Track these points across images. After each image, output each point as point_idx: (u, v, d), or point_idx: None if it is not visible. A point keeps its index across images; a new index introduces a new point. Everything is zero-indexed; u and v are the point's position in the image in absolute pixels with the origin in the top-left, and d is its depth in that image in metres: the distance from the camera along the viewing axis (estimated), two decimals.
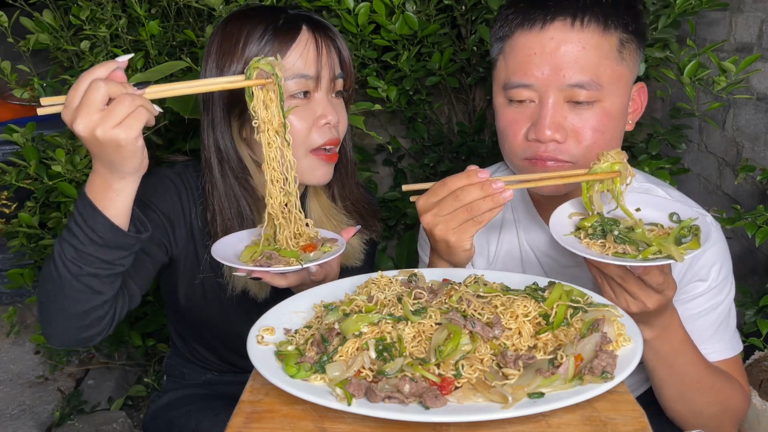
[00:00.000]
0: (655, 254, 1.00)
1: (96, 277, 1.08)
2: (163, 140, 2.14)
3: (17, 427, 2.25)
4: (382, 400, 0.81)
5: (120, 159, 1.00)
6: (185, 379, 1.57)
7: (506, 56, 1.22)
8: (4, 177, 2.05)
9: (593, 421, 0.82)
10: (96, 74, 0.98)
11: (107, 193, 1.04)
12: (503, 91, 1.22)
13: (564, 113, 1.17)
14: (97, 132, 0.96)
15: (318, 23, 1.30)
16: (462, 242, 1.11)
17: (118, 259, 1.08)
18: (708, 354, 1.24)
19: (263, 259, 1.12)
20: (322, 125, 1.27)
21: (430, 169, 2.40)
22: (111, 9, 2.07)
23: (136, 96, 0.98)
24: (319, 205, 1.40)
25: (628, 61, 1.20)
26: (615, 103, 1.19)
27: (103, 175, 1.04)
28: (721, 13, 2.06)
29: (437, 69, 2.09)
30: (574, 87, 1.15)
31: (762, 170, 1.76)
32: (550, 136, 1.16)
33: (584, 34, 1.15)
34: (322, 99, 1.28)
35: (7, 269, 2.27)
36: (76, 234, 1.05)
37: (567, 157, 1.19)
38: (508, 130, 1.23)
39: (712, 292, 1.25)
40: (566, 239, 1.08)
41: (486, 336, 0.90)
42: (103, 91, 0.96)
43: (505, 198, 1.07)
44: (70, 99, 0.98)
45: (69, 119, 0.98)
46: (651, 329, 1.11)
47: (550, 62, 1.15)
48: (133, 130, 0.97)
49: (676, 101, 2.08)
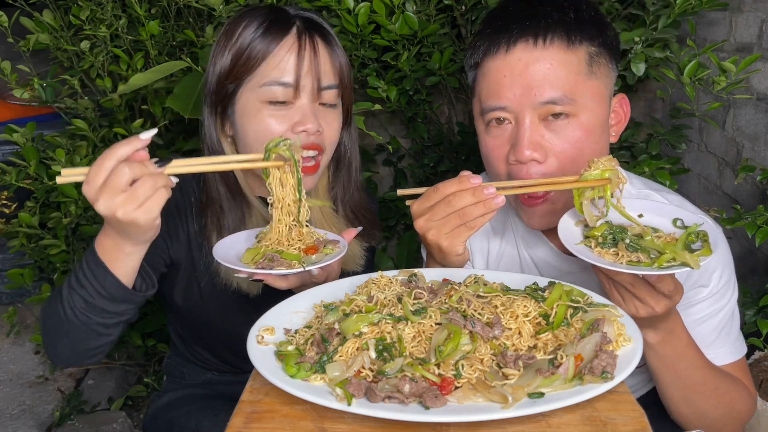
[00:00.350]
0: (669, 262, 1.00)
1: (104, 325, 1.13)
2: (163, 140, 2.14)
3: (17, 427, 2.25)
4: (382, 400, 0.81)
5: (136, 233, 1.03)
6: (185, 379, 1.57)
7: (479, 83, 1.24)
8: (4, 177, 2.06)
9: (593, 421, 0.82)
10: (120, 154, 0.98)
11: (118, 255, 1.08)
12: (481, 117, 1.24)
13: (541, 132, 1.18)
14: (118, 213, 0.98)
15: (314, 27, 1.28)
16: (454, 247, 1.12)
17: (125, 310, 1.13)
18: (712, 358, 1.24)
19: (265, 261, 1.11)
20: (299, 132, 1.25)
21: (430, 169, 2.40)
22: (111, 9, 2.07)
23: (158, 176, 0.99)
24: (320, 211, 1.40)
25: (600, 75, 1.20)
26: (591, 117, 1.19)
27: (115, 239, 1.06)
28: (721, 13, 2.06)
29: (437, 69, 2.09)
30: (547, 104, 1.16)
31: (762, 170, 1.76)
32: (529, 156, 1.17)
33: (549, 51, 1.16)
34: (303, 107, 1.26)
35: (7, 269, 2.27)
36: (86, 287, 1.09)
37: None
38: (490, 156, 1.24)
39: (714, 297, 1.25)
40: (578, 248, 1.08)
41: (486, 336, 0.90)
42: (128, 176, 0.97)
43: (497, 204, 1.08)
44: (93, 176, 0.97)
45: (92, 197, 0.98)
46: (655, 333, 1.11)
47: (520, 82, 1.17)
48: (154, 212, 1.00)
49: (676, 101, 2.08)
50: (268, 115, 1.25)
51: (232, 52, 1.26)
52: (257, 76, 1.25)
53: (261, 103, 1.25)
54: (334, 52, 1.29)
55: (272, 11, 1.29)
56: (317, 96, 1.27)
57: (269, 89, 1.24)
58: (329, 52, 1.28)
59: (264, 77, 1.25)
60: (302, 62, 1.24)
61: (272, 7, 1.32)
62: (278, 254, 1.13)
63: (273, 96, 1.24)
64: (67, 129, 2.11)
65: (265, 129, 1.25)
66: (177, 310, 1.45)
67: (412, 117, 2.34)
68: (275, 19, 1.27)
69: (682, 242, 1.04)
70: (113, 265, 1.08)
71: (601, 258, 1.04)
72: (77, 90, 2.08)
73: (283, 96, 1.25)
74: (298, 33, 1.26)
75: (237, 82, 1.27)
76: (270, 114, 1.25)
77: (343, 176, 1.42)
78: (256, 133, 1.26)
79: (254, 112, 1.26)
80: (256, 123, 1.26)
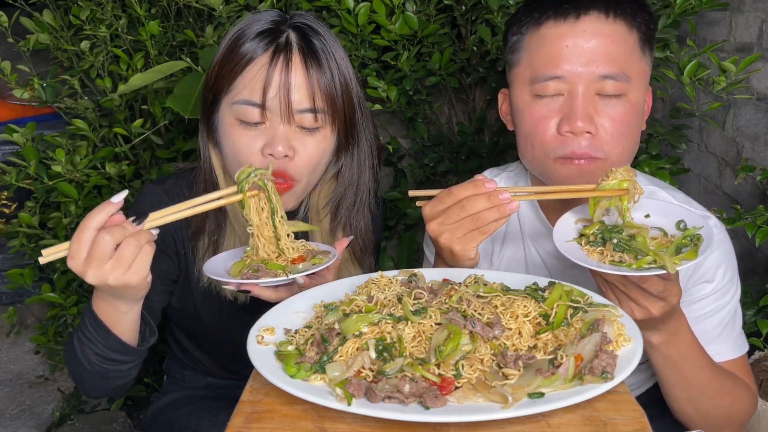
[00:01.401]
0: (650, 264, 1.01)
1: (120, 371, 1.17)
2: (163, 140, 2.14)
3: (17, 427, 2.25)
4: (382, 400, 0.81)
5: (129, 294, 1.05)
6: (186, 382, 1.57)
7: (532, 51, 1.21)
8: (4, 177, 2.06)
9: (593, 421, 0.82)
10: (95, 222, 0.97)
11: (115, 315, 1.10)
12: (529, 87, 1.21)
13: (594, 105, 1.18)
14: (109, 281, 0.98)
15: (305, 45, 1.21)
16: (467, 251, 1.12)
17: (137, 357, 1.17)
18: (714, 355, 1.24)
19: (250, 272, 1.11)
20: (266, 154, 1.21)
21: (430, 169, 2.40)
22: (111, 9, 2.07)
23: (139, 235, 0.99)
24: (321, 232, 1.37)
25: (648, 59, 1.23)
26: (638, 98, 1.21)
27: (110, 301, 1.08)
28: (721, 13, 2.06)
29: (437, 69, 2.09)
30: (604, 79, 1.17)
31: (762, 170, 1.75)
32: (582, 127, 1.16)
33: (615, 26, 1.17)
34: (273, 128, 1.21)
35: (7, 269, 2.27)
36: (94, 342, 1.12)
37: (600, 153, 1.18)
38: (537, 126, 1.21)
39: (718, 293, 1.26)
40: (567, 245, 1.09)
41: (486, 336, 0.90)
42: (110, 244, 0.97)
43: (512, 209, 1.08)
44: (75, 251, 0.97)
45: (79, 271, 0.98)
46: (658, 335, 1.12)
47: (582, 54, 1.16)
48: (143, 271, 1.00)
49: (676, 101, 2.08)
50: (240, 134, 1.22)
51: (218, 59, 1.24)
52: (232, 90, 1.22)
53: (234, 119, 1.22)
54: (321, 73, 1.21)
55: (270, 20, 1.24)
56: (291, 119, 1.21)
57: (239, 107, 1.21)
58: (314, 74, 1.20)
59: (236, 94, 1.21)
60: (270, 83, 1.18)
61: (273, 16, 1.26)
62: (264, 265, 1.13)
63: (243, 115, 1.21)
64: (67, 129, 2.11)
65: (237, 148, 1.23)
66: (173, 317, 1.45)
67: (412, 117, 2.34)
68: (264, 31, 1.21)
69: (675, 245, 1.04)
70: (114, 326, 1.10)
71: (587, 257, 1.05)
72: (77, 90, 2.08)
73: (252, 116, 1.20)
74: (275, 50, 1.19)
75: (216, 94, 1.24)
76: (241, 133, 1.22)
77: (345, 203, 1.36)
78: (230, 150, 1.25)
79: (228, 127, 1.24)
80: (229, 139, 1.24)
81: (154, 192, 1.33)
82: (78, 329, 1.15)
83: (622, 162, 1.21)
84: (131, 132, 2.05)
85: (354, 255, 1.39)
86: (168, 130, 2.19)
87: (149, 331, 1.19)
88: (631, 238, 1.06)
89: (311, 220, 1.38)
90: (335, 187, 1.36)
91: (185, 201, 1.08)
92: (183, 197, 1.32)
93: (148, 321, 1.19)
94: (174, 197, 1.32)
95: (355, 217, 1.37)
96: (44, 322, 2.41)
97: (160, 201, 1.31)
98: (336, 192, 1.35)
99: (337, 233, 1.37)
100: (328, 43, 1.24)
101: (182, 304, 1.39)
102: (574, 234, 1.13)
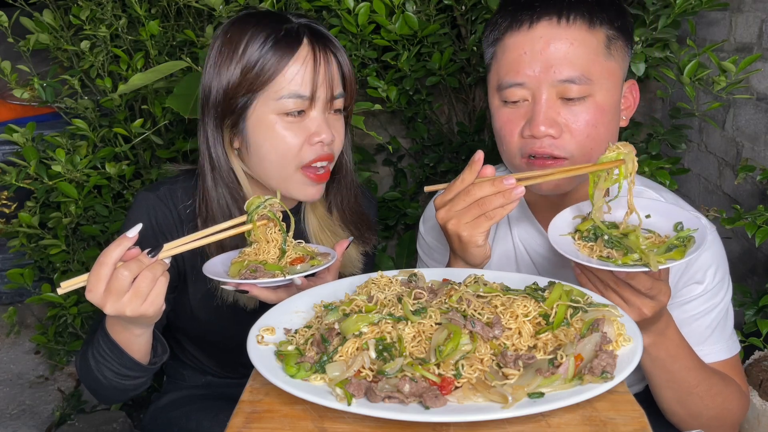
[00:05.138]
0: (635, 261, 1.02)
1: (135, 384, 1.20)
2: (163, 140, 2.14)
3: (17, 427, 2.25)
4: (382, 400, 0.81)
5: (144, 321, 1.08)
6: (185, 381, 1.57)
7: (498, 59, 1.24)
8: (4, 177, 2.06)
9: (593, 421, 0.82)
10: (113, 258, 1.01)
11: (129, 337, 1.13)
12: (497, 93, 1.24)
13: (557, 109, 1.19)
14: (126, 312, 1.01)
15: (320, 36, 1.28)
16: (474, 237, 1.12)
17: (150, 373, 1.21)
18: (705, 355, 1.24)
19: (248, 272, 1.13)
20: (315, 143, 1.26)
21: (430, 169, 2.40)
22: (111, 9, 2.07)
23: (154, 266, 1.03)
24: (315, 217, 1.41)
25: (617, 58, 1.22)
26: (606, 98, 1.21)
27: (124, 325, 1.11)
28: (721, 13, 2.06)
29: (437, 69, 2.09)
30: (565, 82, 1.17)
31: (762, 170, 1.75)
32: (544, 132, 1.18)
33: (571, 30, 1.17)
34: (317, 117, 1.27)
35: (7, 269, 2.27)
36: (109, 361, 1.15)
37: (563, 152, 1.19)
38: (504, 130, 1.24)
39: (709, 294, 1.26)
40: (561, 239, 1.10)
41: (486, 336, 0.90)
42: (128, 278, 1.00)
43: (517, 194, 1.08)
44: (94, 284, 1.00)
45: (98, 303, 1.02)
46: (647, 336, 1.12)
47: (540, 60, 1.17)
48: (159, 302, 1.04)
49: (676, 101, 2.08)
50: (283, 127, 1.25)
51: (240, 66, 1.24)
52: (271, 89, 1.24)
53: (276, 115, 1.25)
54: (342, 59, 1.30)
55: (277, 20, 1.27)
56: (329, 105, 1.28)
57: (286, 102, 1.24)
58: (337, 61, 1.29)
59: (279, 90, 1.24)
60: (318, 74, 1.25)
61: (274, 16, 1.29)
62: (262, 265, 1.15)
63: (289, 108, 1.24)
64: (67, 129, 2.11)
65: (281, 141, 1.25)
66: (171, 316, 1.45)
67: (412, 117, 2.34)
68: (283, 31, 1.25)
69: (666, 245, 1.05)
70: (127, 347, 1.14)
71: (578, 252, 1.07)
72: (77, 90, 2.08)
73: (299, 108, 1.25)
74: (311, 44, 1.25)
75: (249, 95, 1.25)
76: (284, 126, 1.25)
77: (340, 180, 1.41)
78: (272, 146, 1.26)
79: (270, 124, 1.25)
80: (271, 136, 1.26)
81: (149, 199, 1.35)
82: (92, 345, 1.18)
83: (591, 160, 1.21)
84: (131, 132, 2.05)
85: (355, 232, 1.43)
86: (168, 130, 2.19)
87: (161, 348, 1.22)
88: (624, 236, 1.07)
89: (306, 208, 1.41)
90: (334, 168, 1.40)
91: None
92: (177, 203, 1.34)
93: (160, 338, 1.22)
94: (169, 203, 1.34)
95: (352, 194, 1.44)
96: (44, 322, 2.41)
97: (155, 207, 1.33)
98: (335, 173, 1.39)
99: (332, 211, 1.42)
100: (328, 32, 1.32)
101: (179, 303, 1.40)
102: (570, 228, 1.14)
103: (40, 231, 2.17)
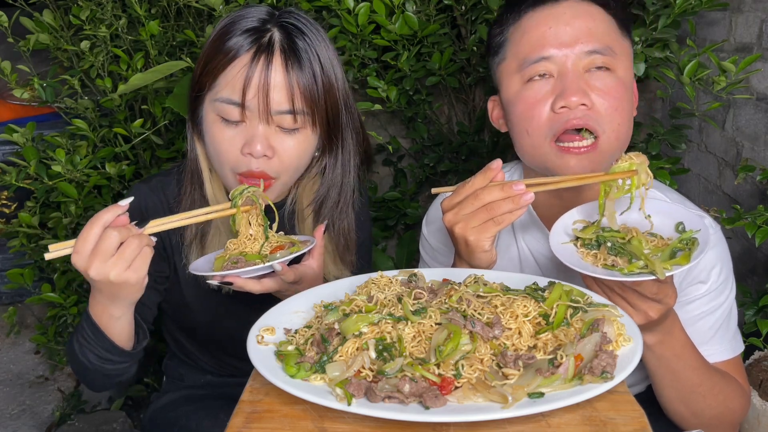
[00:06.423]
0: (641, 269, 1.01)
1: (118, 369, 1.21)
2: (163, 140, 2.14)
3: (17, 427, 2.25)
4: (382, 400, 0.81)
5: (125, 294, 1.09)
6: (184, 381, 1.57)
7: (517, 41, 1.24)
8: (4, 177, 2.06)
9: (593, 421, 0.82)
10: (103, 220, 1.03)
11: (108, 319, 1.14)
12: (518, 74, 1.23)
13: (585, 80, 1.20)
14: (111, 275, 1.02)
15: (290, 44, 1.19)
16: (480, 242, 1.11)
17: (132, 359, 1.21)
18: (708, 355, 1.24)
19: (229, 264, 1.15)
20: (245, 153, 1.21)
21: (430, 169, 2.40)
22: (111, 9, 2.07)
23: (141, 236, 1.05)
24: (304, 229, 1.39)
25: (629, 42, 1.26)
26: (626, 76, 1.23)
27: (103, 303, 1.12)
28: (721, 13, 2.06)
29: (437, 69, 2.09)
30: (591, 54, 1.19)
31: (762, 170, 1.75)
32: (576, 102, 1.17)
33: (592, 8, 1.22)
34: (252, 128, 1.20)
35: (7, 269, 2.27)
36: (92, 344, 1.16)
37: (597, 126, 1.18)
38: (532, 110, 1.21)
39: (713, 294, 1.26)
40: (562, 247, 1.09)
41: (486, 336, 0.90)
42: (116, 239, 1.02)
43: (526, 200, 1.08)
44: (82, 245, 1.02)
45: (83, 265, 1.03)
46: (653, 335, 1.12)
47: (565, 33, 1.19)
48: (142, 270, 1.05)
49: (676, 101, 2.08)
50: (221, 130, 1.22)
51: (204, 54, 1.23)
52: (215, 87, 1.21)
53: (215, 115, 1.22)
54: (302, 74, 1.19)
55: (257, 18, 1.22)
56: (270, 119, 1.20)
57: (221, 105, 1.20)
58: (294, 75, 1.19)
59: (218, 91, 1.21)
60: (250, 82, 1.17)
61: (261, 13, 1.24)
62: (243, 257, 1.16)
63: (224, 113, 1.21)
64: (67, 129, 2.10)
65: (218, 145, 1.23)
66: (168, 312, 1.45)
67: (412, 117, 2.34)
68: (250, 29, 1.20)
69: (670, 249, 1.04)
70: (106, 328, 1.14)
71: (581, 260, 1.07)
72: (77, 90, 2.08)
73: (233, 115, 1.20)
74: (258, 50, 1.18)
75: (203, 90, 1.24)
76: (222, 130, 1.22)
77: (328, 202, 1.35)
78: (211, 145, 1.25)
79: (211, 123, 1.24)
80: (211, 137, 1.24)
81: (141, 190, 1.36)
82: (77, 330, 1.19)
83: (617, 144, 1.21)
84: (131, 132, 2.05)
85: (336, 251, 1.39)
86: (168, 130, 2.19)
87: (142, 334, 1.23)
88: (626, 242, 1.06)
89: (297, 214, 1.39)
90: (318, 187, 1.36)
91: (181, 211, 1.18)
92: (169, 194, 1.35)
93: (141, 324, 1.23)
94: (160, 194, 1.35)
95: (339, 216, 1.37)
96: (44, 322, 2.41)
97: (146, 197, 1.34)
98: (318, 193, 1.35)
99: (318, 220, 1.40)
100: (314, 43, 1.22)
101: (174, 298, 1.40)
102: (571, 235, 1.13)
103: (40, 231, 2.17)
